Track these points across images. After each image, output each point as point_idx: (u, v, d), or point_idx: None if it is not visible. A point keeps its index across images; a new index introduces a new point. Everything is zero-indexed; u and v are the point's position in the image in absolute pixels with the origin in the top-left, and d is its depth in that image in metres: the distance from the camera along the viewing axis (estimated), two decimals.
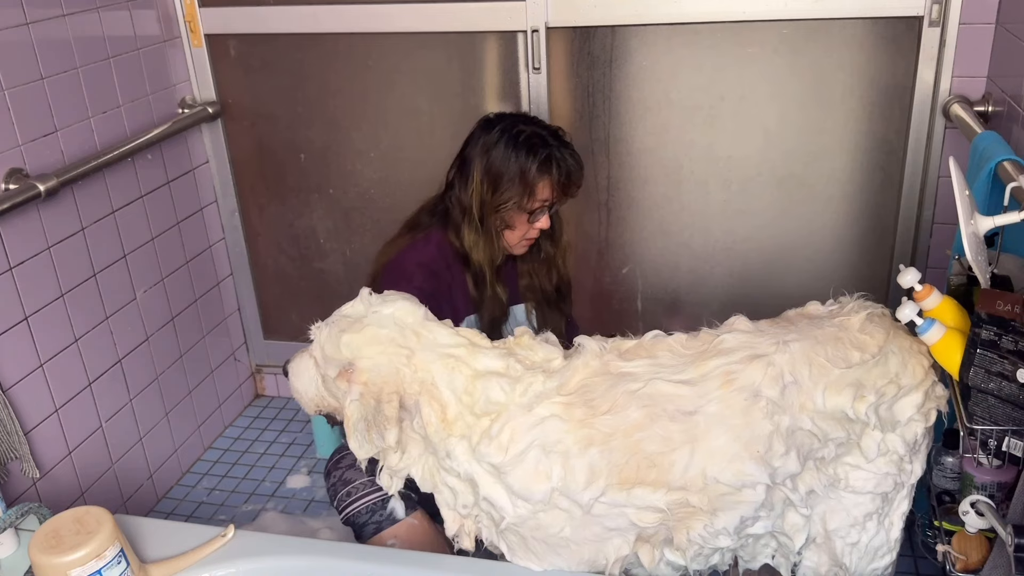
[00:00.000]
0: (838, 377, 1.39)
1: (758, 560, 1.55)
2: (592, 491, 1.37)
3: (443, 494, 1.48)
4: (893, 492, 1.46)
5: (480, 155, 1.90)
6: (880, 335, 1.44)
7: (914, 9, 2.13)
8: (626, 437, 1.38)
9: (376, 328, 1.44)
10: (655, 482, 1.37)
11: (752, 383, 1.39)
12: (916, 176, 2.30)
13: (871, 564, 1.51)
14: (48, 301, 2.06)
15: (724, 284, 2.55)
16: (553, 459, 1.38)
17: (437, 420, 1.40)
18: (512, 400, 1.40)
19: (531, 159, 1.87)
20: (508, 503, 1.40)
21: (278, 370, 2.98)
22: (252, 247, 2.82)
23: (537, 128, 1.92)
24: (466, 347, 1.45)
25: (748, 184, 2.41)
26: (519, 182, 1.87)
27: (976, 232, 1.40)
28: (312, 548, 1.54)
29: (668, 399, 1.40)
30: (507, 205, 1.89)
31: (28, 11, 1.97)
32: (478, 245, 1.92)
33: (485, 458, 1.39)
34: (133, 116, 2.32)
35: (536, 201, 1.89)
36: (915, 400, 1.40)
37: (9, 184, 1.91)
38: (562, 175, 1.89)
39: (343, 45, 2.48)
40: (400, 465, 1.47)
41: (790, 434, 1.38)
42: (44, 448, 2.07)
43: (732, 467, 1.37)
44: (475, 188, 1.90)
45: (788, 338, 1.44)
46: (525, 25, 2.32)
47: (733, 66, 2.29)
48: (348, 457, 1.87)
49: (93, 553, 1.31)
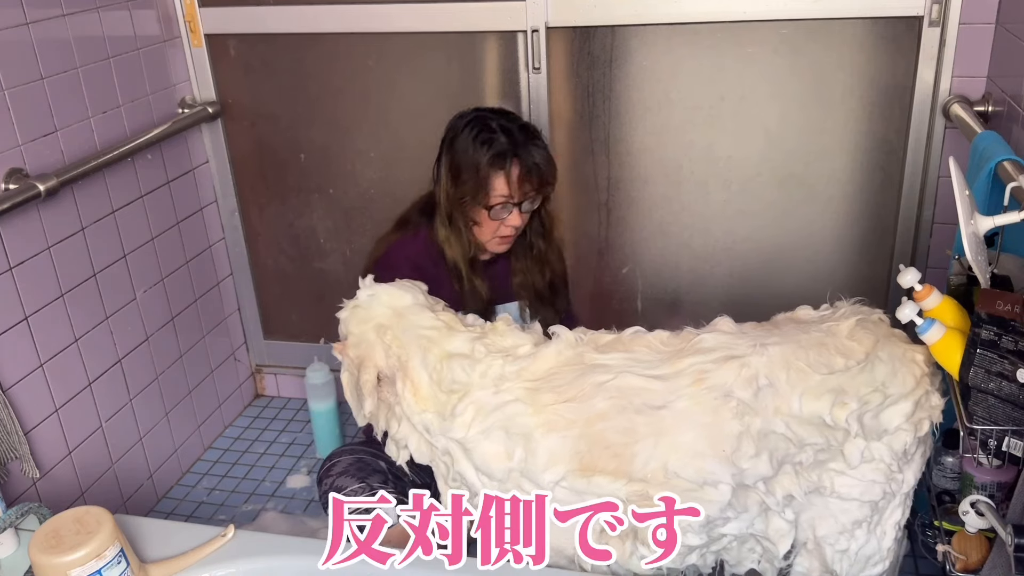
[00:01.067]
0: (818, 383, 1.39)
1: (744, 565, 1.55)
2: (551, 474, 1.41)
3: (439, 467, 1.56)
4: (883, 501, 1.45)
5: (446, 149, 1.89)
6: (868, 342, 1.43)
7: (914, 9, 2.13)
8: (588, 426, 1.42)
9: (364, 309, 1.58)
10: (615, 472, 1.40)
11: (724, 383, 1.41)
12: (916, 176, 2.30)
13: (863, 572, 1.50)
14: (48, 301, 2.06)
15: (724, 284, 2.55)
16: (515, 440, 1.43)
17: (410, 396, 1.50)
18: (473, 380, 1.48)
19: (485, 153, 1.82)
20: (476, 479, 1.47)
21: (278, 370, 2.99)
22: (252, 247, 2.82)
23: (504, 122, 1.86)
24: (441, 329, 1.54)
25: (748, 184, 2.41)
26: (474, 177, 1.83)
27: (976, 232, 1.40)
28: (312, 548, 1.54)
29: (636, 392, 1.43)
30: (465, 200, 1.86)
31: (28, 11, 1.97)
32: (449, 240, 1.91)
33: (448, 433, 1.47)
34: (133, 116, 2.32)
35: (493, 197, 1.84)
36: (904, 409, 1.39)
37: (9, 184, 1.91)
38: (522, 170, 1.83)
39: (343, 45, 2.48)
40: (399, 435, 1.56)
41: (762, 437, 1.39)
42: (44, 448, 2.07)
43: (694, 463, 1.38)
44: (442, 182, 1.89)
45: (768, 341, 1.44)
46: (525, 25, 2.32)
47: (733, 66, 2.29)
48: (339, 463, 1.89)
49: (93, 553, 1.31)
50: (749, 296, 2.52)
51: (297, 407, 2.94)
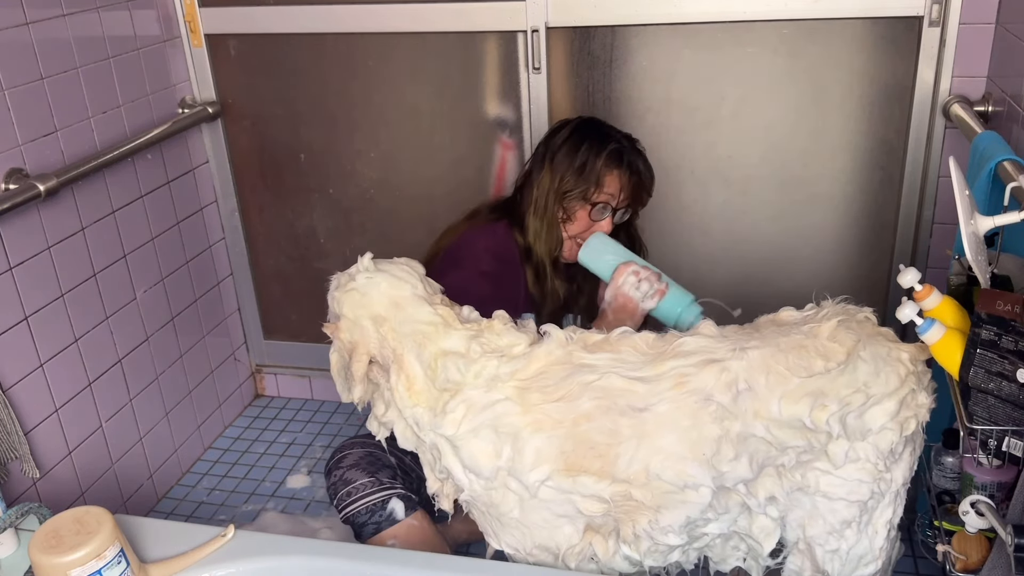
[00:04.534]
0: (797, 386, 1.39)
1: (728, 563, 1.56)
2: (537, 474, 1.42)
3: (424, 456, 1.56)
4: (872, 501, 1.45)
5: (550, 147, 1.94)
6: (850, 342, 1.43)
7: (914, 9, 2.13)
8: (574, 426, 1.43)
9: (360, 293, 1.54)
10: (600, 472, 1.41)
11: (704, 387, 1.41)
12: (916, 176, 2.30)
13: (855, 572, 1.50)
14: (48, 301, 2.06)
15: (724, 284, 2.54)
16: (504, 439, 1.44)
17: (404, 389, 1.49)
18: (467, 380, 1.47)
19: (601, 149, 1.89)
20: (463, 476, 1.47)
21: (278, 370, 2.99)
22: (252, 247, 2.82)
23: (611, 130, 1.96)
24: (438, 325, 1.52)
25: (748, 184, 2.41)
26: (587, 171, 1.88)
27: (976, 232, 1.40)
28: (312, 548, 1.54)
29: (621, 394, 1.44)
30: (572, 193, 1.90)
31: (28, 11, 1.97)
32: (540, 235, 1.92)
33: (438, 429, 1.46)
34: (133, 116, 2.32)
35: (602, 194, 1.89)
36: (888, 409, 1.39)
37: (9, 184, 1.91)
38: (633, 173, 1.91)
39: (343, 45, 2.48)
40: (385, 418, 1.55)
41: (741, 440, 1.40)
42: (44, 448, 2.07)
43: (675, 466, 1.39)
44: (544, 176, 1.92)
45: (748, 345, 1.45)
46: (525, 25, 2.32)
47: (733, 66, 2.29)
48: (349, 456, 1.88)
49: (93, 553, 1.31)
50: (749, 296, 2.51)
51: (297, 407, 2.94)
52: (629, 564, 1.48)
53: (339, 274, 1.61)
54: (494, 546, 1.55)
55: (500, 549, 1.54)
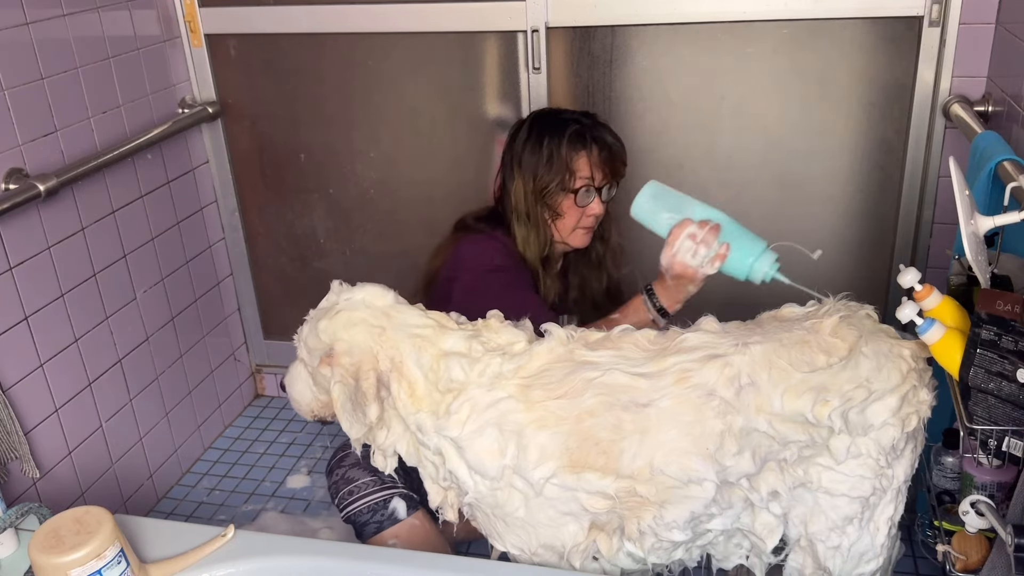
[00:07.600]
0: (799, 381, 1.39)
1: (731, 560, 1.56)
2: (542, 471, 1.41)
3: (427, 468, 1.55)
4: (874, 497, 1.45)
5: (514, 152, 1.93)
6: (852, 338, 1.43)
7: (914, 9, 2.13)
8: (578, 422, 1.42)
9: (348, 312, 1.53)
10: (604, 468, 1.41)
11: (706, 382, 1.41)
12: (916, 176, 2.30)
13: (857, 569, 1.50)
14: (48, 301, 2.06)
15: (724, 284, 2.54)
16: (508, 437, 1.43)
17: (406, 396, 1.48)
18: (471, 379, 1.47)
19: (562, 136, 1.88)
20: (468, 478, 1.47)
21: (278, 370, 2.98)
22: (252, 247, 2.82)
23: (566, 113, 1.94)
24: (433, 328, 1.52)
25: (748, 184, 2.41)
26: (555, 162, 1.87)
27: (976, 232, 1.40)
28: (312, 548, 1.54)
29: (624, 390, 1.43)
30: (550, 189, 1.89)
31: (28, 11, 1.97)
32: (529, 240, 1.93)
33: (443, 431, 1.46)
34: (133, 116, 2.32)
35: (578, 179, 1.89)
36: (890, 404, 1.39)
37: (9, 184, 1.91)
38: (601, 148, 1.90)
39: (343, 45, 2.48)
40: (387, 442, 1.54)
41: (744, 435, 1.40)
42: (44, 448, 2.07)
43: (679, 461, 1.39)
44: (516, 182, 1.91)
45: (751, 340, 1.45)
46: (525, 25, 2.32)
47: (733, 66, 2.29)
48: (351, 455, 1.88)
49: (93, 553, 1.31)
50: (749, 296, 2.51)
51: None
52: (633, 561, 1.48)
53: (314, 311, 1.59)
54: (499, 548, 1.54)
55: (504, 551, 1.54)
